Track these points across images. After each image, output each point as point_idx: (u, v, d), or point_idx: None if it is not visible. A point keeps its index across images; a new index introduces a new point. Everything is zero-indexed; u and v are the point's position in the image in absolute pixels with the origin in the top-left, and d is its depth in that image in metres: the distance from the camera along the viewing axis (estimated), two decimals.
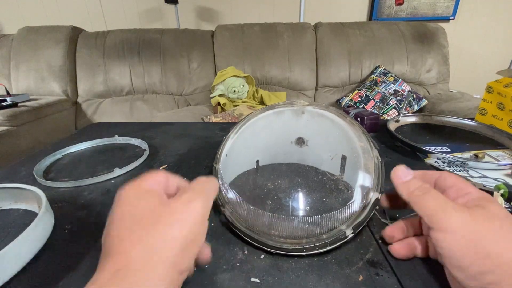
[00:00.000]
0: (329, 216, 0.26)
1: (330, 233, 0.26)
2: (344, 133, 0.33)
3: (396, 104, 1.54)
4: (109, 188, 0.40)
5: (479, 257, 0.17)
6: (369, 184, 0.29)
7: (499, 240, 0.17)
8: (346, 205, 0.27)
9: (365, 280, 0.23)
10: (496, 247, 0.17)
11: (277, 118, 0.37)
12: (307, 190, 0.32)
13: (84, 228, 0.31)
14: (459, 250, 0.18)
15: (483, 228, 0.18)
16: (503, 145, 0.51)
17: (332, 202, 0.30)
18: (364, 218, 0.27)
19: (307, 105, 0.36)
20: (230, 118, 1.28)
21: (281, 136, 0.33)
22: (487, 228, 0.18)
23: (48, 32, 1.75)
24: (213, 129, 0.64)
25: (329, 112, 0.35)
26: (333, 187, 0.32)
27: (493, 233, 0.17)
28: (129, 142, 0.57)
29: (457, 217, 0.18)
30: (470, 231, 0.18)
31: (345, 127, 0.34)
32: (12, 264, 0.25)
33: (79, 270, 0.26)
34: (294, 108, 0.36)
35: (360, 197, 0.28)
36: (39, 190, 0.33)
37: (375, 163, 0.29)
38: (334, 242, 0.26)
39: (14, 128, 1.33)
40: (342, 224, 0.27)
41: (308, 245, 0.26)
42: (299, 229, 0.27)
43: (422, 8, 1.98)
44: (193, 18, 2.12)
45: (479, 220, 0.18)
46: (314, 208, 0.30)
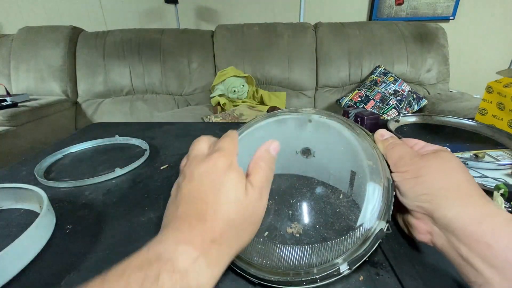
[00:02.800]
0: (321, 247, 0.23)
1: (322, 267, 0.23)
2: (352, 146, 0.29)
3: (396, 104, 1.54)
4: (109, 188, 0.40)
5: (418, 183, 0.23)
6: (373, 211, 0.24)
7: (435, 172, 0.22)
8: (344, 236, 0.24)
9: (365, 280, 0.24)
10: (431, 177, 0.22)
11: (281, 125, 0.33)
12: (307, 209, 0.26)
13: (85, 227, 0.31)
14: (405, 181, 0.24)
15: (424, 166, 0.23)
16: (503, 145, 0.51)
17: (332, 227, 0.25)
18: (363, 252, 0.23)
19: (312, 113, 0.32)
20: (230, 118, 1.28)
21: (284, 145, 0.28)
22: (427, 165, 0.23)
23: (48, 32, 1.75)
24: (213, 129, 0.64)
25: (337, 122, 0.31)
26: (338, 208, 0.26)
27: (431, 167, 0.23)
28: (129, 142, 0.57)
29: (409, 162, 0.24)
30: (414, 169, 0.23)
31: (352, 140, 0.29)
32: (13, 264, 0.25)
33: (81, 269, 0.26)
34: (299, 116, 0.33)
35: (362, 227, 0.24)
36: (40, 190, 0.33)
37: (384, 186, 0.25)
38: (325, 278, 0.22)
39: (14, 128, 1.33)
40: (337, 257, 0.23)
41: (295, 278, 0.22)
42: (285, 259, 0.23)
43: (422, 8, 1.98)
44: (193, 18, 2.12)
45: (424, 162, 0.23)
46: (309, 233, 0.25)
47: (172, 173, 0.44)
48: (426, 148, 0.26)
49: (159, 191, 0.39)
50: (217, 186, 0.20)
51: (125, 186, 0.40)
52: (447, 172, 0.22)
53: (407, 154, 0.25)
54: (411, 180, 0.23)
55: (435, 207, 0.21)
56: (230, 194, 0.20)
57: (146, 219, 0.33)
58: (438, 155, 0.24)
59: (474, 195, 0.21)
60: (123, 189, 0.40)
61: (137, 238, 0.29)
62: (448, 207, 0.21)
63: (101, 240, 0.29)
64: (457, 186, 0.21)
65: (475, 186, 0.21)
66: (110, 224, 0.32)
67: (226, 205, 0.19)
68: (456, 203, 0.20)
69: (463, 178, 0.22)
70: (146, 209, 0.35)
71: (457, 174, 0.22)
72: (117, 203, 0.36)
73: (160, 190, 0.39)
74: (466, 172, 0.22)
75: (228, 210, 0.19)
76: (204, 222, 0.19)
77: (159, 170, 0.45)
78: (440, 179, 0.22)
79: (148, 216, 0.33)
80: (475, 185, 0.21)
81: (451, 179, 0.22)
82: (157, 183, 0.41)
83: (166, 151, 0.53)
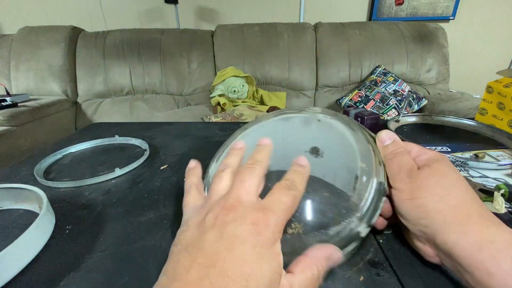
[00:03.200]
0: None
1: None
2: (353, 148, 0.28)
3: (396, 104, 1.54)
4: (109, 188, 0.40)
5: (415, 205, 0.22)
6: (355, 213, 0.23)
7: (432, 194, 0.21)
8: (321, 240, 0.22)
9: (366, 281, 0.23)
10: (428, 200, 0.21)
11: (287, 124, 0.33)
12: (308, 208, 0.25)
13: (85, 228, 0.31)
14: (402, 203, 0.23)
15: (422, 183, 0.22)
16: (503, 145, 0.51)
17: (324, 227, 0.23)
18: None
19: (319, 112, 0.32)
20: (230, 118, 1.28)
21: (291, 143, 0.28)
22: (425, 183, 0.22)
23: (48, 32, 1.75)
24: (213, 129, 0.64)
25: (341, 123, 0.31)
26: (334, 208, 0.24)
27: (428, 188, 0.21)
28: (129, 142, 0.57)
29: (405, 178, 0.23)
30: (410, 189, 0.22)
31: (351, 141, 0.28)
32: (13, 264, 0.25)
33: (80, 270, 0.26)
34: (306, 115, 0.32)
35: (340, 229, 0.23)
36: (39, 190, 0.33)
37: (374, 189, 0.24)
38: None
39: (14, 128, 1.33)
40: None
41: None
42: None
43: (422, 8, 1.98)
44: (193, 18, 2.12)
45: (419, 180, 0.22)
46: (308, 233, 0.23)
47: (172, 173, 0.44)
48: (421, 156, 0.25)
49: (159, 191, 0.38)
50: (251, 263, 0.16)
51: (125, 186, 0.40)
52: (444, 190, 0.21)
53: (404, 168, 0.24)
54: (408, 202, 0.22)
55: (435, 233, 0.20)
56: (262, 283, 0.16)
57: (146, 219, 0.33)
58: (434, 169, 0.22)
59: (472, 214, 0.20)
60: (123, 189, 0.40)
61: (137, 239, 0.29)
62: (447, 232, 0.19)
63: (101, 240, 0.29)
64: (454, 207, 0.20)
65: (473, 202, 0.20)
66: (110, 224, 0.32)
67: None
68: (455, 229, 0.19)
69: (461, 195, 0.21)
70: (146, 209, 0.34)
71: (454, 191, 0.21)
72: (117, 203, 0.36)
73: (160, 190, 0.39)
74: (464, 185, 0.21)
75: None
76: None
77: (159, 170, 0.45)
78: (437, 201, 0.21)
79: (148, 216, 0.33)
80: (473, 201, 0.20)
81: (448, 199, 0.20)
82: (157, 183, 0.41)
83: (166, 151, 0.53)
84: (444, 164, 0.23)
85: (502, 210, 0.28)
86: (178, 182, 0.41)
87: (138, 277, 0.24)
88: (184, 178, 0.28)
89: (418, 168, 0.23)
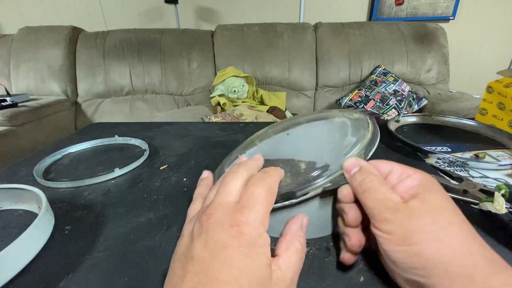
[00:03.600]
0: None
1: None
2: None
3: (396, 104, 1.53)
4: (109, 188, 0.40)
5: (410, 254, 0.18)
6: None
7: (430, 239, 0.17)
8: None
9: (366, 281, 0.23)
10: (427, 246, 0.17)
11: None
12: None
13: (84, 228, 0.31)
14: (393, 249, 0.18)
15: (416, 225, 0.18)
16: (503, 145, 0.51)
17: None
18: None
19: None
20: (230, 118, 1.28)
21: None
22: (420, 225, 0.18)
23: (48, 32, 1.75)
24: (213, 129, 0.64)
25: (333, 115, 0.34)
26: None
27: (424, 231, 0.18)
28: (129, 142, 0.57)
29: (391, 219, 0.19)
30: (402, 232, 0.18)
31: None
32: (12, 265, 0.25)
33: (80, 270, 0.25)
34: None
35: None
36: (39, 190, 0.33)
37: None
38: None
39: (14, 128, 1.33)
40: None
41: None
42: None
43: (422, 8, 1.98)
44: (193, 18, 2.12)
45: (413, 217, 0.18)
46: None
47: (171, 173, 0.44)
48: (406, 181, 0.21)
49: (158, 192, 0.38)
50: (239, 264, 0.16)
51: (125, 187, 0.40)
52: (444, 232, 0.17)
53: (384, 205, 0.19)
54: (401, 249, 0.18)
55: (434, 285, 0.17)
56: (254, 278, 0.16)
57: (145, 219, 0.33)
58: (427, 202, 0.19)
59: (479, 261, 0.16)
60: (123, 189, 0.39)
61: (136, 239, 0.29)
62: (451, 285, 0.16)
63: (100, 241, 0.29)
64: (458, 254, 0.17)
65: (476, 242, 0.17)
66: (109, 224, 0.32)
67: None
68: (461, 283, 0.16)
69: (464, 236, 0.18)
70: (146, 209, 0.34)
71: (455, 231, 0.18)
72: (117, 203, 0.36)
73: (160, 191, 0.39)
74: (462, 219, 0.18)
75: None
76: None
77: (159, 170, 0.45)
78: (437, 248, 0.17)
79: (147, 216, 0.33)
80: (476, 241, 0.18)
81: (450, 243, 0.17)
82: (156, 184, 0.41)
83: (166, 151, 0.53)
84: (437, 193, 0.19)
85: (502, 210, 0.28)
86: (178, 182, 0.41)
87: (137, 278, 0.24)
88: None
89: (404, 200, 0.19)
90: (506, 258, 0.25)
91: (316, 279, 0.24)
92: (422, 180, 0.20)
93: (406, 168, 0.22)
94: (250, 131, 0.62)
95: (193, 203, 0.25)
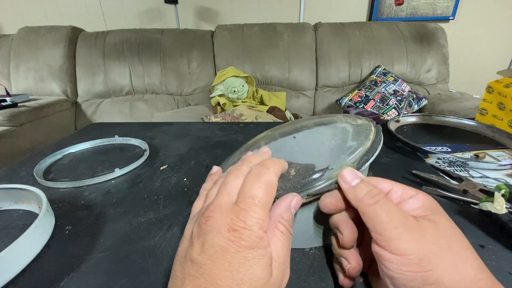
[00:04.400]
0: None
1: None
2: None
3: (396, 104, 1.54)
4: (109, 188, 0.40)
5: (427, 282, 0.15)
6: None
7: (447, 264, 0.16)
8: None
9: (366, 281, 0.23)
10: (445, 273, 0.15)
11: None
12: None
13: (84, 228, 0.31)
14: (405, 273, 0.16)
15: (432, 249, 0.16)
16: (503, 145, 0.51)
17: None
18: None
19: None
20: (230, 118, 1.28)
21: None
22: (436, 249, 0.16)
23: (48, 32, 1.75)
24: (213, 129, 0.64)
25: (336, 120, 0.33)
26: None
27: (441, 256, 0.16)
28: (129, 142, 0.57)
29: (408, 239, 0.16)
30: (419, 253, 0.16)
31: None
32: (13, 265, 0.25)
33: (80, 270, 0.25)
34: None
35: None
36: (39, 190, 0.33)
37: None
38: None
39: (14, 128, 1.33)
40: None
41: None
42: None
43: (422, 8, 1.98)
44: (193, 18, 2.12)
45: (427, 239, 0.16)
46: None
47: (171, 173, 0.44)
48: (409, 202, 0.19)
49: (158, 192, 0.38)
50: (239, 268, 0.16)
51: (125, 187, 0.40)
52: (458, 257, 0.16)
53: (399, 220, 0.17)
54: (415, 275, 0.16)
55: None
56: (255, 280, 0.16)
57: (145, 219, 0.33)
58: (437, 225, 0.17)
59: (490, 287, 0.16)
60: (123, 189, 0.39)
61: (136, 239, 0.29)
62: None
63: (101, 241, 0.29)
64: (475, 281, 0.16)
65: (485, 267, 0.16)
66: (110, 224, 0.32)
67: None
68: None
69: (473, 261, 0.16)
70: (146, 209, 0.34)
71: (466, 256, 0.16)
72: (117, 203, 0.36)
73: (160, 191, 0.39)
74: (468, 244, 0.17)
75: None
76: None
77: (159, 170, 0.45)
78: (454, 275, 0.15)
79: (147, 216, 0.33)
80: (484, 267, 0.17)
81: (464, 270, 0.16)
82: (156, 184, 0.41)
83: (166, 151, 0.53)
84: (445, 217, 0.18)
85: (502, 210, 0.28)
86: (178, 182, 0.41)
87: (137, 278, 0.24)
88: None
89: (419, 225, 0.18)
90: (506, 258, 0.26)
91: (316, 279, 0.24)
92: (426, 202, 0.19)
93: (406, 188, 0.20)
94: (250, 131, 0.63)
95: (198, 199, 0.24)
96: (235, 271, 0.16)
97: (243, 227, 0.17)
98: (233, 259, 0.16)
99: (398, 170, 0.42)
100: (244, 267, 0.16)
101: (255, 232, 0.17)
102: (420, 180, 0.39)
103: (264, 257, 0.17)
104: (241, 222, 0.17)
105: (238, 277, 0.16)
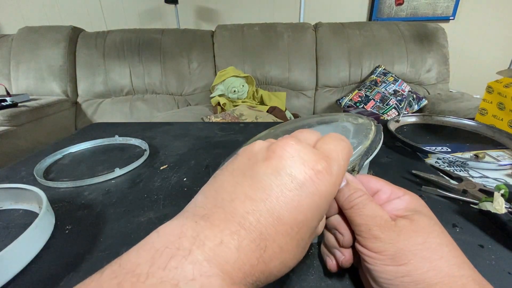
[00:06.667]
0: None
1: None
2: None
3: (396, 104, 1.54)
4: (109, 188, 0.40)
5: (399, 275, 0.17)
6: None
7: (420, 259, 0.17)
8: None
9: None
10: (417, 266, 0.17)
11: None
12: None
13: (84, 228, 0.31)
14: (381, 268, 0.18)
15: (406, 244, 0.17)
16: (503, 145, 0.51)
17: None
18: None
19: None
20: (230, 118, 1.28)
21: None
22: (410, 244, 0.17)
23: (48, 32, 1.75)
24: (213, 129, 0.64)
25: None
26: None
27: (415, 250, 0.17)
28: (129, 142, 0.57)
29: (381, 237, 0.18)
30: (393, 248, 0.17)
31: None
32: (13, 264, 0.25)
33: (80, 270, 0.26)
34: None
35: None
36: (39, 190, 0.33)
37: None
38: None
39: (14, 128, 1.33)
40: None
41: None
42: None
43: (422, 8, 1.98)
44: (193, 18, 2.12)
45: (402, 237, 0.18)
46: None
47: (172, 173, 0.44)
48: (395, 202, 0.20)
49: (158, 192, 0.38)
50: (306, 212, 0.15)
51: (125, 187, 0.40)
52: (433, 253, 0.17)
53: (374, 221, 0.19)
54: (389, 269, 0.17)
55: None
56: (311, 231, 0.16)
57: (145, 219, 0.33)
58: (416, 223, 0.18)
59: (468, 282, 0.16)
60: (123, 189, 0.39)
61: (136, 239, 0.29)
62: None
63: (101, 240, 0.29)
64: (447, 275, 0.16)
65: (464, 264, 0.17)
66: (110, 224, 0.32)
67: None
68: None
69: (452, 258, 0.17)
70: (146, 209, 0.34)
71: (444, 253, 0.17)
72: (117, 203, 0.36)
73: (160, 190, 0.39)
74: (450, 242, 0.18)
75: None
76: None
77: (159, 170, 0.45)
78: (427, 269, 0.17)
79: (147, 216, 0.33)
80: (464, 263, 0.17)
81: (439, 265, 0.17)
82: (156, 183, 0.41)
83: (166, 151, 0.53)
84: (426, 216, 0.19)
85: (502, 210, 0.28)
86: (178, 182, 0.41)
87: None
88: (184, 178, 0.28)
89: (393, 219, 0.19)
90: (506, 258, 0.26)
91: (316, 279, 0.24)
92: (411, 203, 0.20)
93: (395, 188, 0.21)
94: (250, 131, 0.63)
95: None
96: (301, 213, 0.15)
97: (328, 172, 0.16)
98: (305, 200, 0.15)
99: (398, 170, 0.42)
100: (311, 213, 0.15)
101: (337, 186, 0.17)
102: (420, 180, 0.39)
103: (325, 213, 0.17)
104: (327, 167, 0.16)
105: (301, 219, 0.15)
